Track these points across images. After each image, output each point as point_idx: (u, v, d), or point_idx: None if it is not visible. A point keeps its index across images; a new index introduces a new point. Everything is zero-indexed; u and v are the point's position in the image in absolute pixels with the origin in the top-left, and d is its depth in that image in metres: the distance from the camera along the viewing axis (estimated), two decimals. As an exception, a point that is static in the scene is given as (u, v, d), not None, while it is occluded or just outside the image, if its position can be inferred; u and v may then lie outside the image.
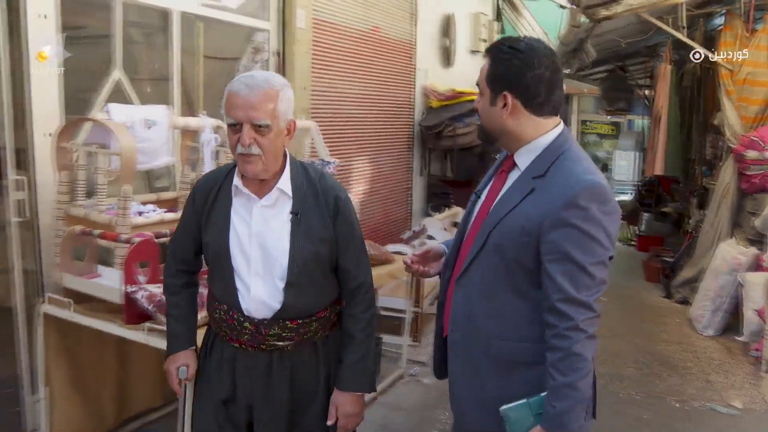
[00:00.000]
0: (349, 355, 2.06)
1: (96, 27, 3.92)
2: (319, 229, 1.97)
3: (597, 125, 20.65)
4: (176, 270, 2.16)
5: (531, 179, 1.76)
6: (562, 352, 1.66)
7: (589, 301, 1.66)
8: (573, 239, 1.65)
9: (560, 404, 1.67)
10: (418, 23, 6.39)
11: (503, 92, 1.77)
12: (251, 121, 1.83)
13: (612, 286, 6.07)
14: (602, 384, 4.56)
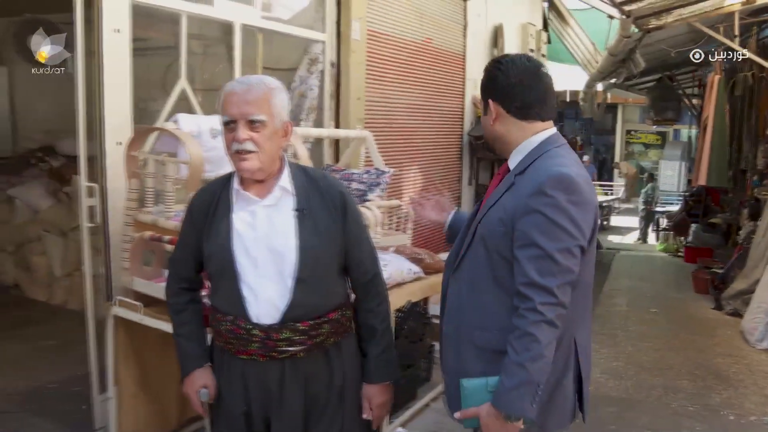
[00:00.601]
0: (373, 348, 2.09)
1: (162, 39, 4.06)
2: (327, 225, 1.96)
3: (642, 135, 20.43)
4: (179, 288, 2.11)
5: (514, 176, 1.86)
6: (517, 331, 1.72)
7: (550, 286, 1.71)
8: (538, 226, 1.72)
9: (508, 381, 1.72)
10: (468, 34, 6.43)
11: (488, 100, 1.93)
12: (246, 117, 1.85)
13: (660, 297, 6.07)
14: (656, 396, 4.53)
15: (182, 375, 2.07)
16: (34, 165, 5.89)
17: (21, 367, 4.30)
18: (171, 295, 2.13)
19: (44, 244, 5.58)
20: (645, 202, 13.47)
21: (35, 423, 3.56)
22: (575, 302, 1.81)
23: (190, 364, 2.06)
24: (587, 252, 1.82)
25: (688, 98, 12.21)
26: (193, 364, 2.06)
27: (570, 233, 1.73)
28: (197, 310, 2.13)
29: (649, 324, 6.43)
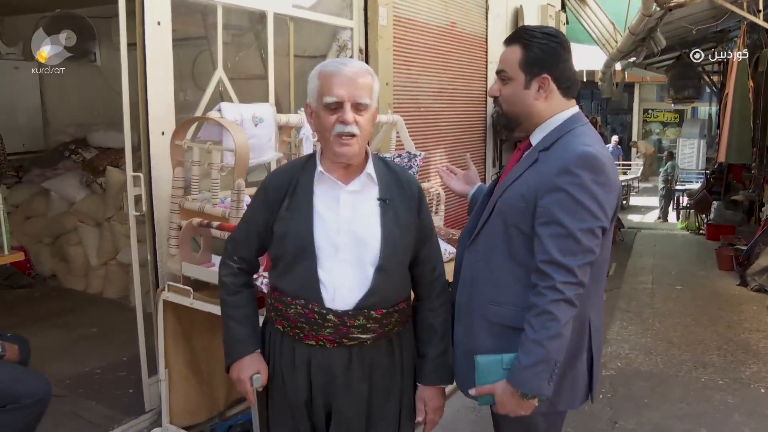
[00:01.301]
0: (432, 350, 2.04)
1: (198, 30, 4.14)
2: (406, 218, 1.95)
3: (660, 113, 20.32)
4: (238, 268, 2.04)
5: (538, 152, 1.87)
6: (536, 308, 1.74)
7: (571, 265, 1.73)
8: (563, 204, 1.73)
9: (526, 359, 1.74)
10: (490, 17, 6.45)
11: (542, 75, 1.86)
12: (354, 99, 1.81)
13: (685, 274, 6.13)
14: (686, 370, 4.60)
15: (230, 360, 2.00)
16: (68, 157, 5.99)
17: (66, 354, 4.43)
18: (228, 274, 2.05)
19: (80, 235, 5.69)
20: (664, 180, 13.44)
21: (89, 406, 3.68)
22: (590, 282, 1.82)
23: (241, 348, 1.99)
24: (606, 233, 1.84)
25: (708, 75, 12.12)
26: (244, 349, 1.99)
27: (594, 213, 1.74)
28: (252, 294, 2.08)
29: (675, 301, 6.49)
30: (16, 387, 2.70)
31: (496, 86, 1.95)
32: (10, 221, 6.10)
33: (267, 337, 2.04)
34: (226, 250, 2.07)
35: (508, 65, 1.90)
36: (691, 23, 7.88)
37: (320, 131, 1.90)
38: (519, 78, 1.88)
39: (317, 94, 1.86)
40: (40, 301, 5.65)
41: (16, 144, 6.44)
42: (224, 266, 2.06)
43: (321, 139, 1.92)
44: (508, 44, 1.92)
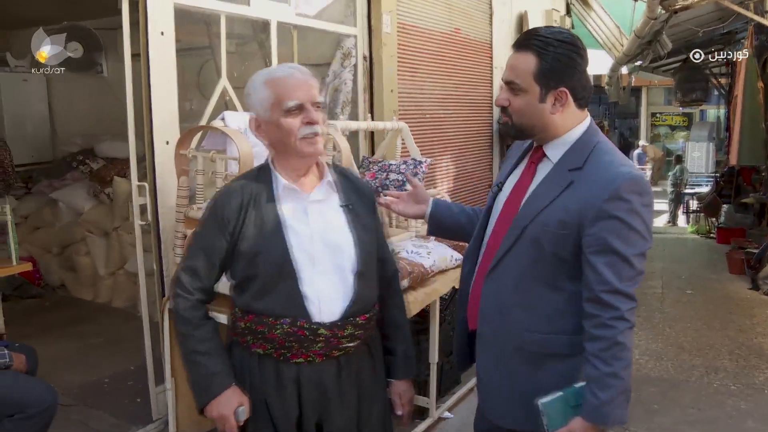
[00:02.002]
0: (400, 345, 2.10)
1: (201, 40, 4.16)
2: (368, 220, 1.97)
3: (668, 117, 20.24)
4: (197, 300, 1.88)
5: (567, 172, 1.75)
6: (605, 341, 1.66)
7: (630, 291, 1.69)
8: (616, 231, 1.66)
9: (604, 394, 1.66)
10: (494, 23, 6.45)
11: (559, 88, 1.74)
12: (312, 99, 1.81)
13: (695, 277, 6.07)
14: (698, 375, 4.56)
15: (207, 397, 1.85)
16: (75, 168, 6.03)
17: (75, 363, 4.44)
18: (187, 308, 1.87)
19: (88, 245, 5.71)
20: (673, 184, 13.39)
21: (97, 415, 3.69)
22: None
23: (218, 382, 1.85)
24: None
25: (715, 77, 12.07)
26: (222, 383, 1.85)
27: (644, 237, 1.70)
28: (215, 325, 1.93)
29: (685, 305, 6.44)
30: (23, 396, 2.71)
31: (504, 95, 1.80)
32: (20, 232, 6.15)
33: (237, 366, 1.91)
34: (179, 282, 1.89)
35: (520, 75, 1.75)
36: (698, 25, 7.86)
37: (280, 139, 1.84)
38: (533, 90, 1.74)
39: (271, 103, 1.82)
40: (49, 310, 5.67)
41: (25, 155, 6.48)
42: (181, 299, 1.88)
43: (280, 147, 1.87)
44: (518, 50, 1.77)
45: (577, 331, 1.75)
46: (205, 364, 1.85)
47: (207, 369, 1.85)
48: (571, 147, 1.79)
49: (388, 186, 3.91)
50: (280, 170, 1.89)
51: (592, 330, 1.69)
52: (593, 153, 1.76)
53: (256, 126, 1.88)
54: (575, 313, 1.75)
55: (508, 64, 1.80)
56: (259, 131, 1.89)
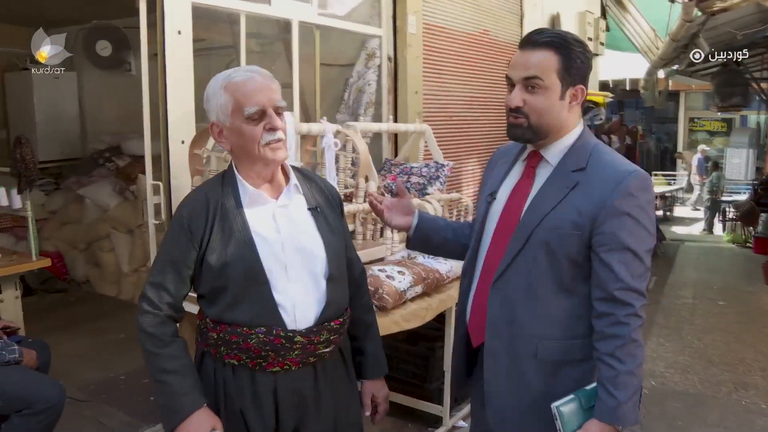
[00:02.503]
0: (370, 344, 2.09)
1: (221, 39, 4.15)
2: (335, 223, 1.94)
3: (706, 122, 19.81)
4: (166, 316, 1.79)
5: (571, 173, 1.74)
6: (621, 339, 1.66)
7: (642, 288, 1.69)
8: (628, 228, 1.67)
9: (621, 393, 1.65)
10: (525, 24, 6.34)
11: (579, 86, 1.74)
12: (274, 104, 1.76)
13: (729, 288, 5.88)
14: (726, 392, 4.41)
15: (177, 419, 1.73)
16: (102, 165, 6.09)
17: (93, 359, 4.48)
18: (155, 324, 1.77)
19: (112, 242, 5.77)
20: (710, 191, 13.06)
21: (110, 412, 3.71)
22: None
23: (188, 402, 1.74)
24: None
25: (756, 82, 11.75)
26: (193, 403, 1.74)
27: (651, 233, 1.71)
28: (184, 343, 1.83)
29: (716, 317, 6.26)
30: (31, 393, 2.72)
31: (518, 95, 1.75)
32: (48, 227, 6.27)
33: (209, 378, 1.84)
34: (146, 297, 1.79)
35: (542, 72, 1.71)
36: (737, 28, 7.64)
37: (242, 146, 1.79)
38: (555, 87, 1.72)
39: (231, 108, 1.75)
40: (73, 306, 5.75)
41: (55, 151, 6.59)
42: (149, 316, 1.77)
43: (243, 154, 1.81)
44: (533, 47, 1.74)
45: (590, 335, 1.74)
46: (175, 383, 1.74)
47: (178, 387, 1.74)
48: (570, 149, 1.78)
49: (409, 189, 3.86)
50: (244, 176, 1.83)
51: (605, 329, 1.68)
52: (593, 154, 1.76)
53: (218, 132, 1.82)
54: (588, 316, 1.74)
55: (522, 62, 1.75)
56: (220, 137, 1.82)
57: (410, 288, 2.99)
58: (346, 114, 4.61)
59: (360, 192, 3.42)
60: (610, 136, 7.26)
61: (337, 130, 3.46)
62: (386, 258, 3.35)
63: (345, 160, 3.58)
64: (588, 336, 1.74)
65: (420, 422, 3.70)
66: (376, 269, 3.00)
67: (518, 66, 1.76)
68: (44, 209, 6.36)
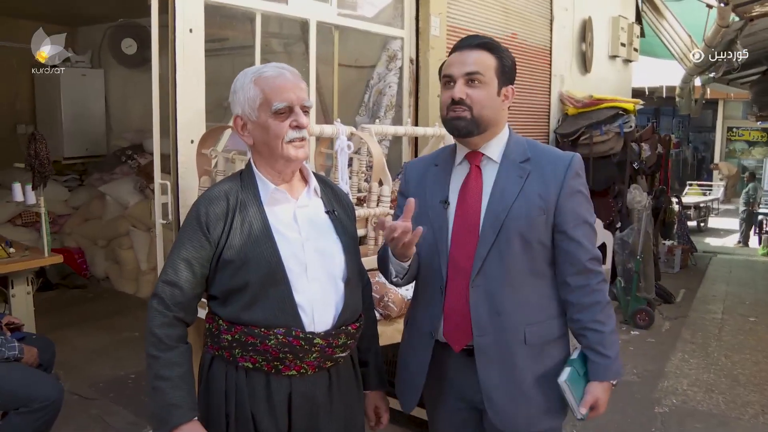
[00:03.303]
0: (373, 356, 2.07)
1: (237, 38, 4.11)
2: (349, 227, 1.94)
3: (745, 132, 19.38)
4: (175, 318, 1.73)
5: (519, 164, 1.87)
6: (599, 305, 1.85)
7: (600, 254, 1.90)
8: (583, 203, 1.87)
9: (611, 351, 1.85)
10: (555, 29, 6.23)
11: (509, 86, 1.88)
12: (301, 102, 1.75)
13: (762, 304, 5.63)
14: (752, 414, 4.22)
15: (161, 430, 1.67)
16: (124, 162, 6.12)
17: (106, 356, 4.49)
18: (162, 324, 1.71)
19: (132, 239, 5.78)
20: (746, 202, 12.71)
21: (116, 411, 3.70)
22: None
23: (177, 414, 1.66)
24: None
25: (796, 92, 11.42)
26: (182, 416, 1.66)
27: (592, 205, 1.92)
28: (189, 350, 1.76)
29: (746, 334, 6.02)
30: (28, 391, 2.70)
31: (461, 88, 1.82)
32: (70, 223, 6.31)
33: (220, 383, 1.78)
34: (158, 297, 1.73)
35: (483, 69, 1.82)
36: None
37: (266, 141, 1.76)
38: (492, 83, 1.84)
39: (259, 102, 1.73)
40: (91, 302, 5.77)
41: (80, 148, 6.65)
42: (157, 315, 1.72)
43: (265, 150, 1.79)
44: (471, 49, 1.85)
45: (562, 311, 1.90)
46: (167, 391, 1.67)
47: (169, 397, 1.67)
48: (507, 144, 1.91)
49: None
50: (264, 174, 1.81)
51: (583, 299, 1.85)
52: (529, 145, 1.92)
53: (242, 125, 1.79)
54: (555, 296, 1.90)
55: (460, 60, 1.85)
56: (243, 131, 1.80)
57: (417, 296, 2.91)
58: (366, 116, 4.55)
59: (373, 196, 3.35)
60: (640, 144, 7.06)
61: (351, 132, 3.39)
62: (396, 264, 3.27)
63: (359, 164, 3.51)
64: (560, 313, 1.90)
65: (420, 429, 3.61)
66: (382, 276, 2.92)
67: (458, 63, 1.85)
68: (67, 205, 6.42)
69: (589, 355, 1.86)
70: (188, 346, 1.77)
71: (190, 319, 1.79)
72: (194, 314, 1.81)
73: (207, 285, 1.80)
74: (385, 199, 3.39)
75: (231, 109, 1.83)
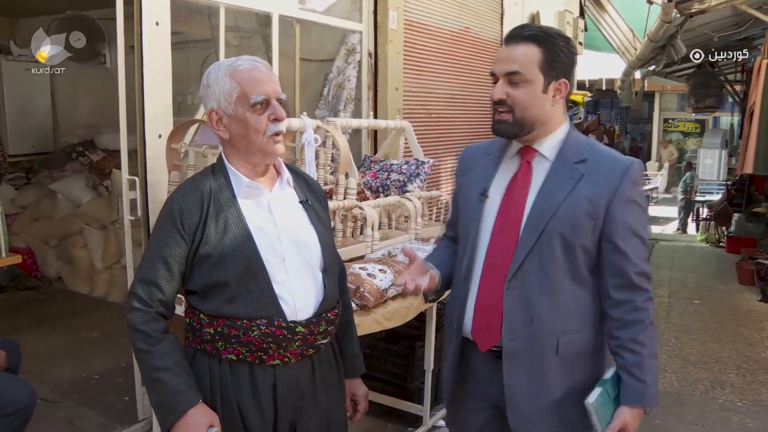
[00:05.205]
0: (350, 343, 2.09)
1: (200, 32, 4.07)
2: (323, 216, 1.95)
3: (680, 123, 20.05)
4: (156, 313, 1.73)
5: (573, 165, 1.76)
6: (642, 324, 1.72)
7: (650, 271, 1.77)
8: (636, 215, 1.74)
9: (648, 376, 1.72)
10: (505, 23, 6.33)
11: (561, 79, 1.76)
12: (277, 95, 1.75)
13: (703, 288, 5.89)
14: (702, 390, 4.43)
15: (173, 416, 1.68)
16: (75, 159, 5.95)
17: (66, 358, 4.37)
18: (145, 321, 1.70)
19: (85, 238, 5.64)
20: (684, 191, 13.21)
21: (82, 413, 3.62)
22: None
23: (184, 400, 1.68)
24: None
25: (730, 84, 11.89)
26: (188, 400, 1.68)
27: (648, 218, 1.81)
28: (176, 339, 1.76)
29: (692, 316, 6.30)
30: (0, 395, 2.63)
31: (501, 88, 1.74)
32: (18, 222, 6.12)
33: (204, 376, 1.78)
34: (136, 295, 1.73)
35: (524, 65, 1.72)
36: (713, 30, 7.72)
37: (244, 135, 1.75)
38: (537, 80, 1.73)
39: (236, 96, 1.72)
40: (45, 303, 5.61)
41: (26, 145, 6.41)
42: (138, 313, 1.71)
43: (241, 143, 1.77)
44: (518, 42, 1.74)
45: (600, 324, 1.80)
46: (169, 380, 1.69)
47: (172, 385, 1.68)
48: (564, 142, 1.80)
49: (388, 186, 3.81)
50: (237, 168, 1.80)
51: (625, 316, 1.72)
52: (588, 146, 1.81)
53: (216, 120, 1.77)
54: (598, 306, 1.79)
55: (505, 56, 1.76)
56: (218, 126, 1.77)
57: (391, 286, 2.95)
58: (325, 110, 4.56)
59: (340, 189, 3.37)
60: (588, 135, 7.26)
61: (317, 125, 3.40)
62: (366, 256, 3.31)
63: (325, 157, 3.52)
64: (598, 326, 1.79)
65: (400, 422, 3.67)
66: (357, 267, 2.95)
67: (501, 60, 1.77)
68: (14, 204, 6.20)
69: (624, 377, 1.74)
70: (175, 336, 1.77)
71: (169, 315, 1.79)
72: (173, 310, 1.81)
73: (184, 281, 1.79)
74: (352, 191, 3.42)
75: (203, 103, 1.82)
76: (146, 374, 1.73)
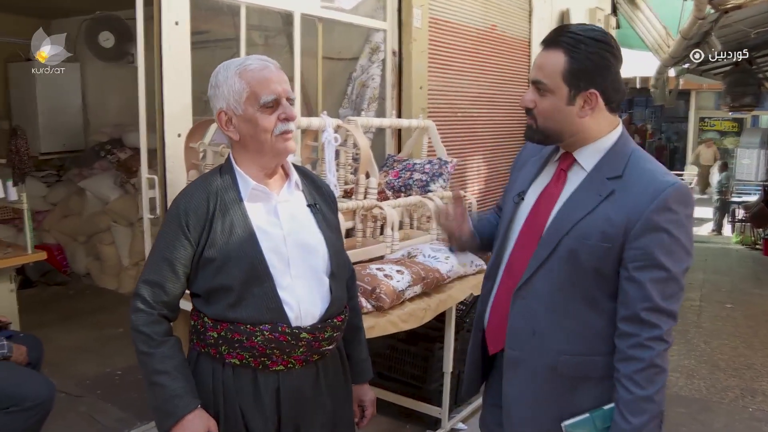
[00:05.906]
0: (358, 348, 2.07)
1: (221, 31, 4.08)
2: (332, 220, 1.92)
3: (717, 122, 19.64)
4: (159, 315, 1.72)
5: (606, 180, 1.63)
6: (641, 362, 1.57)
7: (674, 310, 1.59)
8: (664, 245, 1.56)
9: (637, 419, 1.57)
10: (533, 20, 6.26)
11: (589, 90, 1.61)
12: (287, 95, 1.73)
13: (737, 291, 5.75)
14: (732, 398, 4.32)
15: (170, 421, 1.67)
16: (103, 157, 6.04)
17: (91, 353, 4.44)
18: (147, 323, 1.70)
19: (113, 235, 5.72)
20: (719, 191, 12.92)
21: (104, 408, 3.67)
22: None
23: (182, 405, 1.67)
24: None
25: (769, 82, 11.61)
26: (186, 406, 1.68)
27: (689, 251, 1.60)
28: (178, 342, 1.76)
29: (724, 320, 6.15)
30: (19, 389, 2.66)
31: (530, 96, 1.68)
32: (49, 219, 6.23)
33: (207, 380, 1.77)
34: (140, 296, 1.72)
35: (547, 75, 1.63)
36: (750, 26, 7.52)
37: (254, 136, 1.73)
38: (561, 91, 1.62)
39: (246, 96, 1.70)
40: (73, 299, 5.71)
41: (57, 143, 6.52)
42: (142, 314, 1.71)
43: (252, 144, 1.75)
44: (547, 47, 1.65)
45: (612, 352, 1.65)
46: (167, 384, 1.68)
47: (170, 389, 1.68)
48: (606, 154, 1.67)
49: (411, 186, 3.78)
50: (245, 170, 1.78)
51: (627, 350, 1.59)
52: (631, 161, 1.65)
53: (226, 121, 1.74)
54: (612, 333, 1.65)
55: (536, 62, 1.69)
56: (228, 126, 1.75)
57: (409, 287, 2.92)
58: (349, 109, 4.54)
59: (360, 188, 3.36)
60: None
61: (338, 124, 3.39)
62: (386, 256, 3.28)
63: (346, 156, 3.52)
64: (610, 354, 1.65)
65: (418, 424, 3.64)
66: (374, 268, 2.93)
67: (534, 66, 1.70)
68: (45, 201, 6.33)
69: (614, 413, 1.63)
70: (177, 338, 1.76)
71: (173, 317, 1.78)
72: (177, 312, 1.80)
73: (189, 283, 1.78)
74: (372, 191, 3.40)
75: (212, 103, 1.79)
76: (146, 377, 1.72)
